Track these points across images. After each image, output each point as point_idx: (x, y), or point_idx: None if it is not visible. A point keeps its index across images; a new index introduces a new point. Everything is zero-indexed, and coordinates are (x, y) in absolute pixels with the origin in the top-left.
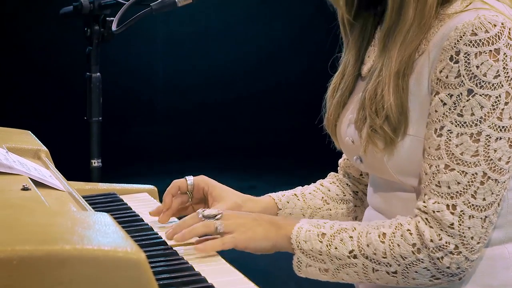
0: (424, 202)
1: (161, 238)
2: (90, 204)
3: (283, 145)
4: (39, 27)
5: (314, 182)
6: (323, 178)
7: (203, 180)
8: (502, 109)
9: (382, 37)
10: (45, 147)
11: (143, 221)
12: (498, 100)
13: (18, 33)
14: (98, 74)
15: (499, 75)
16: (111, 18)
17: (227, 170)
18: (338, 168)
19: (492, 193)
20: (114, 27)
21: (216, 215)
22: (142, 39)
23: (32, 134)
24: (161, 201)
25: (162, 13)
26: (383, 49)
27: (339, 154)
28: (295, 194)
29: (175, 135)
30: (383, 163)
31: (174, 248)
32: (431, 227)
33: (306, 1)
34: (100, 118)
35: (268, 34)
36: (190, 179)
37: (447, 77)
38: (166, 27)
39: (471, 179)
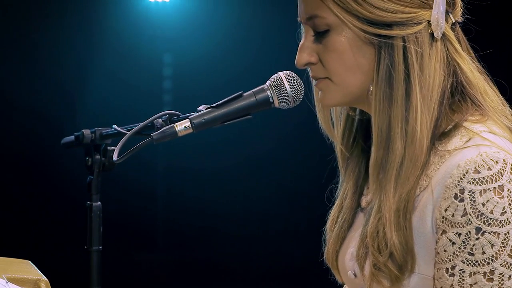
0: None
1: None
2: None
3: (287, 271)
4: (40, 156)
5: None
6: None
7: None
8: None
9: (373, 172)
10: (45, 277)
11: None
12: (507, 237)
13: (18, 162)
14: (99, 203)
15: (505, 212)
16: (112, 148)
17: None
18: None
19: None
20: (115, 157)
21: None
22: (142, 168)
23: (32, 264)
24: None
25: (163, 142)
26: (378, 184)
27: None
28: None
29: (176, 263)
30: None
31: None
32: None
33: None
34: (100, 247)
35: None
36: None
37: (453, 215)
38: (167, 155)
39: None
